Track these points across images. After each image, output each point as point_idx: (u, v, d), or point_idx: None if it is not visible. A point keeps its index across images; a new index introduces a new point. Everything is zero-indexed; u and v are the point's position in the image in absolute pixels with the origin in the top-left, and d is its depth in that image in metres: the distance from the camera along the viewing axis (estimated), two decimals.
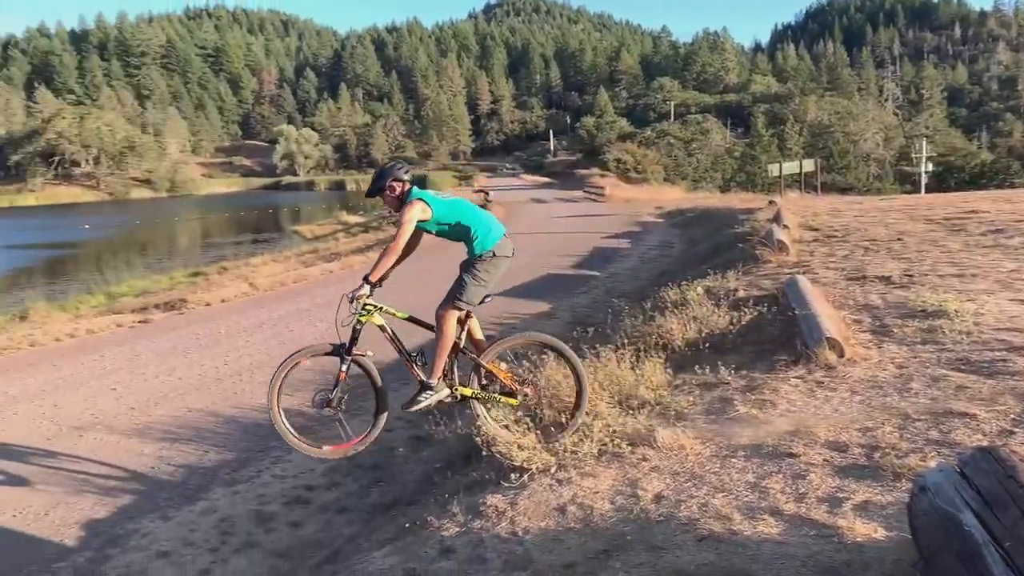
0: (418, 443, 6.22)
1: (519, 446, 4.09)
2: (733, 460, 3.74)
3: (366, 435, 4.64)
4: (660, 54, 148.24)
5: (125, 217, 68.20)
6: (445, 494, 4.22)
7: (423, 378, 4.47)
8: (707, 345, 5.88)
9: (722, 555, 2.83)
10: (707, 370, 5.11)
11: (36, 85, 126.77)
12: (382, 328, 4.60)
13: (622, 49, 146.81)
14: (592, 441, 4.10)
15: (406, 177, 4.46)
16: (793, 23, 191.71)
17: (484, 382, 4.56)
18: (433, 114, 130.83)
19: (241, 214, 63.80)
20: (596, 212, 33.80)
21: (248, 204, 78.35)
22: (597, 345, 5.45)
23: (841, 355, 5.02)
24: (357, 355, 4.54)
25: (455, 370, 4.53)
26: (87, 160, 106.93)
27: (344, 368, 4.52)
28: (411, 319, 4.57)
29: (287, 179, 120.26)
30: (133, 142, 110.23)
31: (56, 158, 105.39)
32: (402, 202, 4.43)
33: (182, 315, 12.85)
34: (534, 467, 3.97)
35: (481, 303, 4.46)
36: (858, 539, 2.77)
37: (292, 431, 4.69)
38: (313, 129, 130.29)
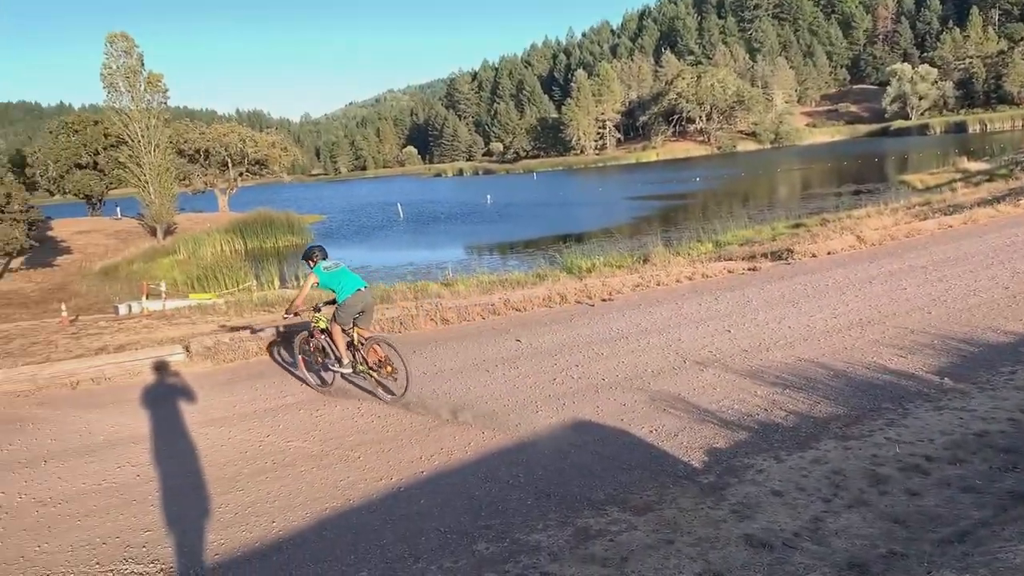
0: None
1: None
2: None
3: (332, 382, 8.21)
4: None
5: (730, 169, 72.75)
6: None
7: (340, 357, 7.82)
8: None
9: None
10: None
11: (662, 50, 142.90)
12: (324, 330, 7.98)
13: None
14: None
15: (315, 258, 7.82)
16: None
17: (363, 359, 7.69)
18: None
19: (843, 164, 61.96)
20: None
21: (850, 153, 75.53)
22: None
23: None
24: (321, 338, 8.01)
25: (356, 358, 7.78)
26: (700, 116, 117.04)
27: (313, 342, 8.14)
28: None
29: (896, 124, 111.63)
30: (742, 96, 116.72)
31: (674, 116, 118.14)
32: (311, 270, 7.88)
33: (788, 265, 13.10)
34: None
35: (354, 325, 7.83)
36: None
37: (307, 374, 8.42)
38: (932, 65, 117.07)
